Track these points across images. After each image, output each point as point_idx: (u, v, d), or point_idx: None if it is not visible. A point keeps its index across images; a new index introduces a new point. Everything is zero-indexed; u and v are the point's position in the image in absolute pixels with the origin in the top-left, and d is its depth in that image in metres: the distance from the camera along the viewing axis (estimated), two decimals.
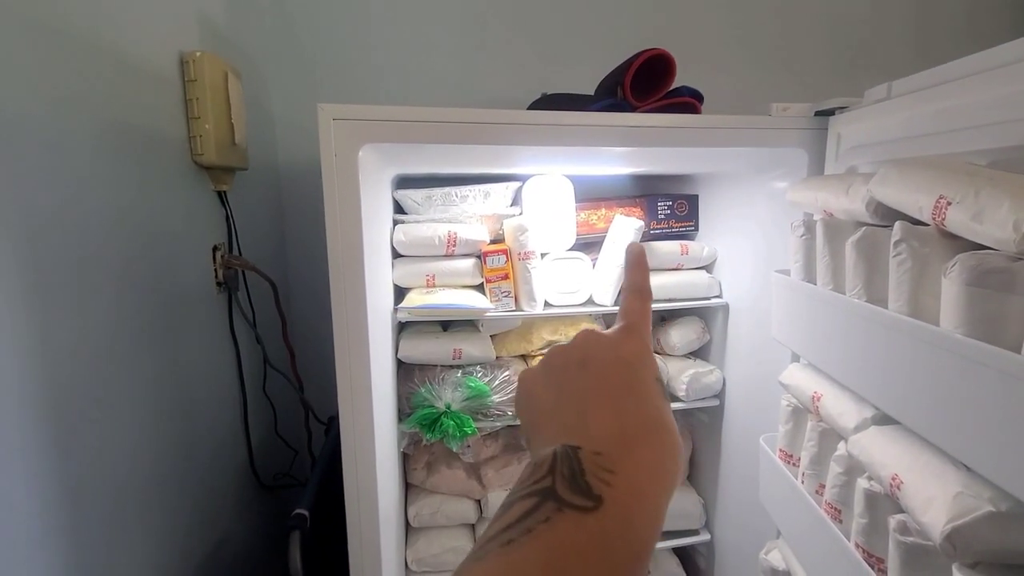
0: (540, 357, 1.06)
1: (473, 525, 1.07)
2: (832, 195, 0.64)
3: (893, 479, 0.50)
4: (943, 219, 0.47)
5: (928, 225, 0.50)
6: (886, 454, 0.53)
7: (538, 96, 1.11)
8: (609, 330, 0.32)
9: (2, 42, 0.51)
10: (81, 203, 0.63)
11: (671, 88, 0.86)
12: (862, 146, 0.73)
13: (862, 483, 0.56)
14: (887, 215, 0.57)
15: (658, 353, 1.10)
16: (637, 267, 0.35)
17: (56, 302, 0.58)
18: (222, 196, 1.00)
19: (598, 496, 0.22)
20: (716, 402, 1.07)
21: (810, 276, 0.69)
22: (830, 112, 0.79)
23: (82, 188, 0.63)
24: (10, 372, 0.52)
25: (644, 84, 0.85)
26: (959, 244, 0.47)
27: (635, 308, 0.32)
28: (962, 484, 0.45)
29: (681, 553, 1.20)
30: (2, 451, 0.51)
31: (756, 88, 1.37)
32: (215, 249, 0.97)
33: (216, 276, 0.97)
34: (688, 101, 0.87)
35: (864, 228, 0.57)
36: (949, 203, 0.46)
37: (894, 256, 0.51)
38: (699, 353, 1.14)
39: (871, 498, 0.55)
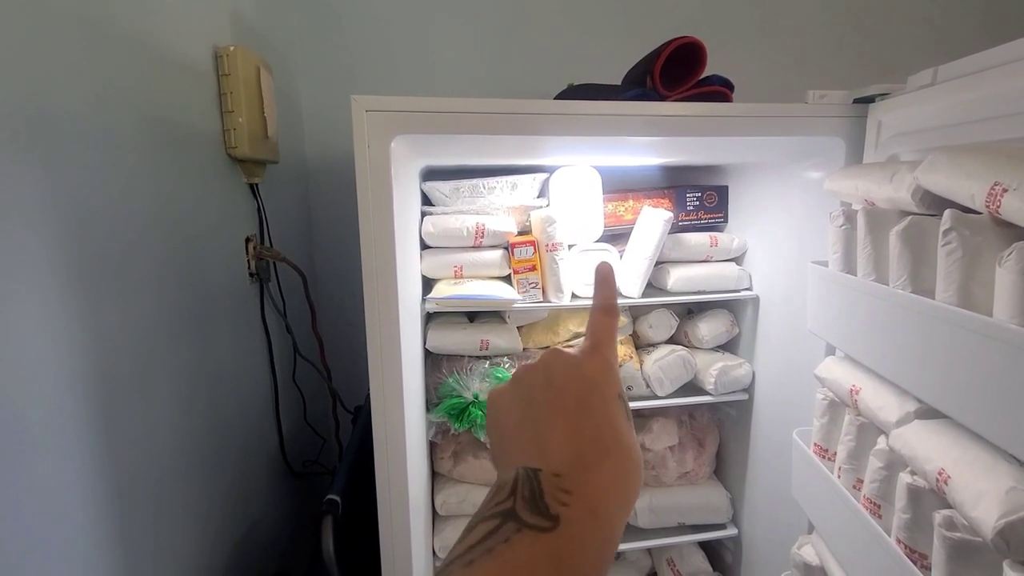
0: (566, 349, 1.06)
1: None
2: (874, 183, 0.62)
3: (939, 474, 0.49)
4: (998, 206, 0.45)
5: (980, 213, 0.49)
6: (931, 448, 0.52)
7: (564, 87, 1.11)
8: (575, 348, 0.32)
9: (47, 37, 0.52)
10: (124, 198, 0.64)
11: (701, 77, 0.85)
12: (905, 134, 0.71)
13: (905, 478, 0.55)
14: (934, 204, 0.55)
15: (686, 346, 1.09)
16: (605, 285, 0.36)
17: (102, 294, 0.60)
18: (254, 188, 1.01)
19: (555, 516, 0.24)
20: (745, 396, 1.06)
21: (849, 267, 0.68)
22: (870, 99, 0.77)
23: (125, 183, 0.64)
24: (63, 364, 0.53)
25: (674, 73, 0.83)
26: (1014, 232, 0.46)
27: (602, 326, 0.33)
28: (1015, 479, 0.44)
29: (707, 547, 1.19)
30: (58, 440, 0.53)
31: (789, 76, 1.34)
32: (247, 240, 0.99)
33: (249, 267, 0.99)
34: (719, 90, 0.85)
35: (910, 217, 0.56)
36: (1005, 190, 0.44)
37: (943, 245, 0.50)
38: (728, 346, 1.12)
39: (914, 493, 0.54)
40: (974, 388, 0.47)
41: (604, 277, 0.36)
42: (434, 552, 1.01)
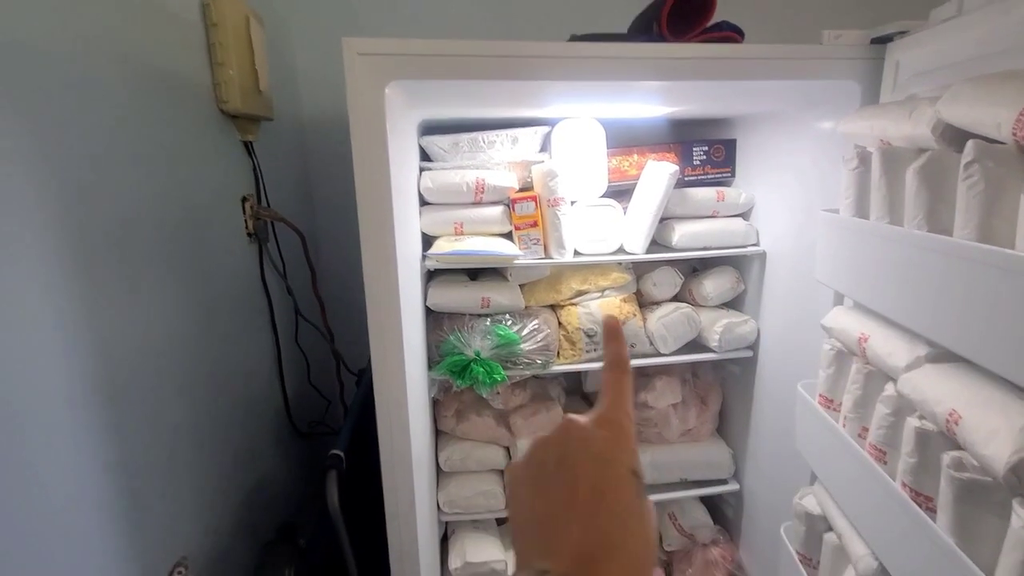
0: (568, 307, 1.04)
1: (502, 471, 1.09)
2: (892, 122, 0.59)
3: (950, 415, 0.48)
4: None
5: (1004, 144, 0.46)
6: (941, 391, 0.51)
7: (567, 38, 1.06)
8: (589, 415, 0.32)
9: None
10: (114, 151, 0.62)
11: (710, 24, 0.80)
12: (925, 72, 0.67)
13: (912, 422, 0.54)
14: (955, 138, 0.52)
15: (690, 304, 1.08)
16: (614, 339, 0.35)
17: (102, 263, 0.59)
18: (248, 146, 0.99)
19: None
20: (749, 353, 1.05)
21: (862, 213, 0.66)
22: (888, 38, 0.73)
23: (114, 133, 0.62)
24: (68, 335, 0.53)
25: (681, 21, 0.79)
26: None
27: (614, 383, 0.33)
28: None
29: (708, 502, 1.20)
30: (70, 408, 0.53)
31: (802, 22, 1.28)
32: (244, 200, 0.97)
33: (247, 227, 0.98)
34: (729, 36, 0.81)
35: (929, 153, 0.53)
36: None
37: (964, 179, 0.47)
38: (733, 303, 1.11)
39: (922, 436, 0.53)
40: (994, 326, 0.45)
41: (612, 331, 0.35)
42: (439, 507, 1.03)
